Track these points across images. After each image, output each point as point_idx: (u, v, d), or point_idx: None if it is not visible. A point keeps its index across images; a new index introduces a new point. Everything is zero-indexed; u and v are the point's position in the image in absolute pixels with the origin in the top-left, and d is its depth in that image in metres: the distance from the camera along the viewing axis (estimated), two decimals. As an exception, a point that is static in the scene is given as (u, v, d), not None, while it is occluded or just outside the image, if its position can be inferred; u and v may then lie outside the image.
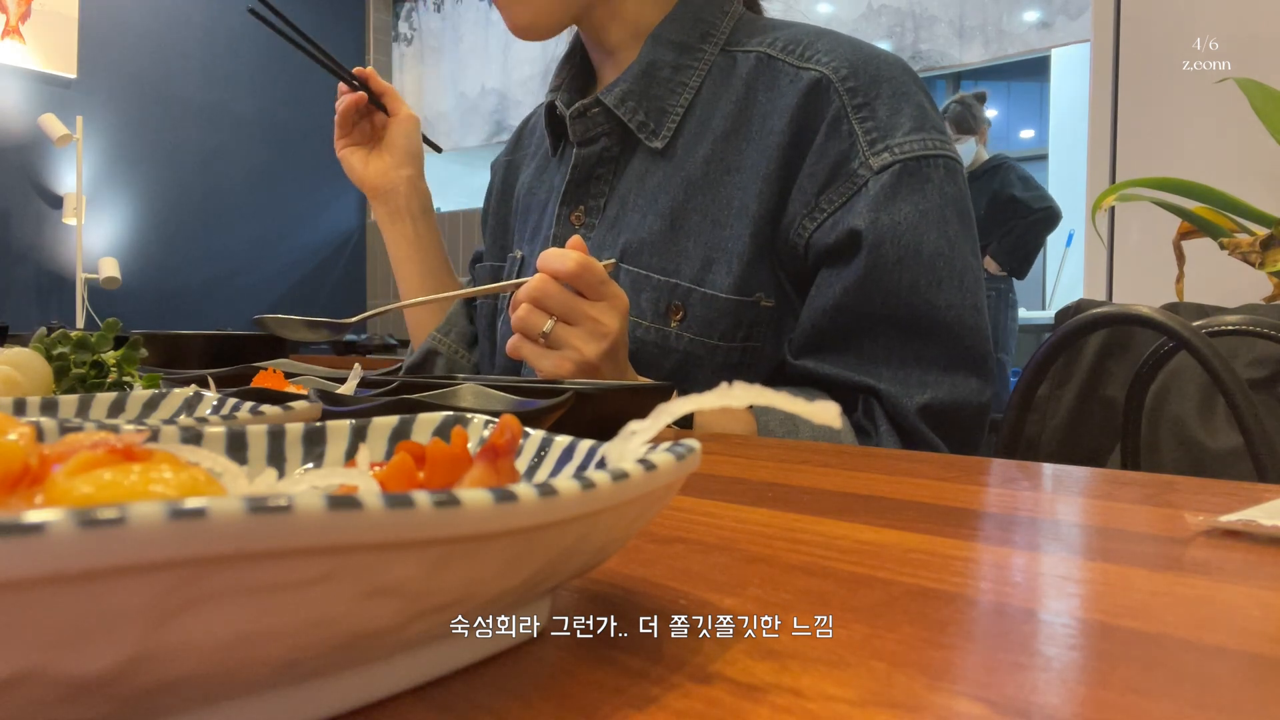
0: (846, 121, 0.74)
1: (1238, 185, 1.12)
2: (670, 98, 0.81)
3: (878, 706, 0.16)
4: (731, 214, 0.77)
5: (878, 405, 0.72)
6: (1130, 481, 0.41)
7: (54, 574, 0.11)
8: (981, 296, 0.74)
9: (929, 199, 0.72)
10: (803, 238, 0.75)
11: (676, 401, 0.19)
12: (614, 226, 0.82)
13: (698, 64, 0.81)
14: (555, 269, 0.65)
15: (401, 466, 0.19)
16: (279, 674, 0.14)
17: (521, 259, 0.93)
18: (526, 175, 0.99)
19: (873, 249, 0.71)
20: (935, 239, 0.71)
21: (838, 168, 0.73)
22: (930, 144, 0.73)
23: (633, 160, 0.83)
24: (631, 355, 0.77)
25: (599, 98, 0.82)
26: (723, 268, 0.76)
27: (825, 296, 0.73)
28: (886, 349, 0.72)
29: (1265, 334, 0.63)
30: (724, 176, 0.78)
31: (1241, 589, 0.24)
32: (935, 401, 0.71)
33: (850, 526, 0.31)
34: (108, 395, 0.39)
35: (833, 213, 0.73)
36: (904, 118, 0.74)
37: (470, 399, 0.47)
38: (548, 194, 0.92)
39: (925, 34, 2.91)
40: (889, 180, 0.72)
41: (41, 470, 0.15)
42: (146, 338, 0.72)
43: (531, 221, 0.94)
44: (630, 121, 0.81)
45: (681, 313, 0.77)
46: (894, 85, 0.75)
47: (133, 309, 3.33)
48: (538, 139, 0.99)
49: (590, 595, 0.23)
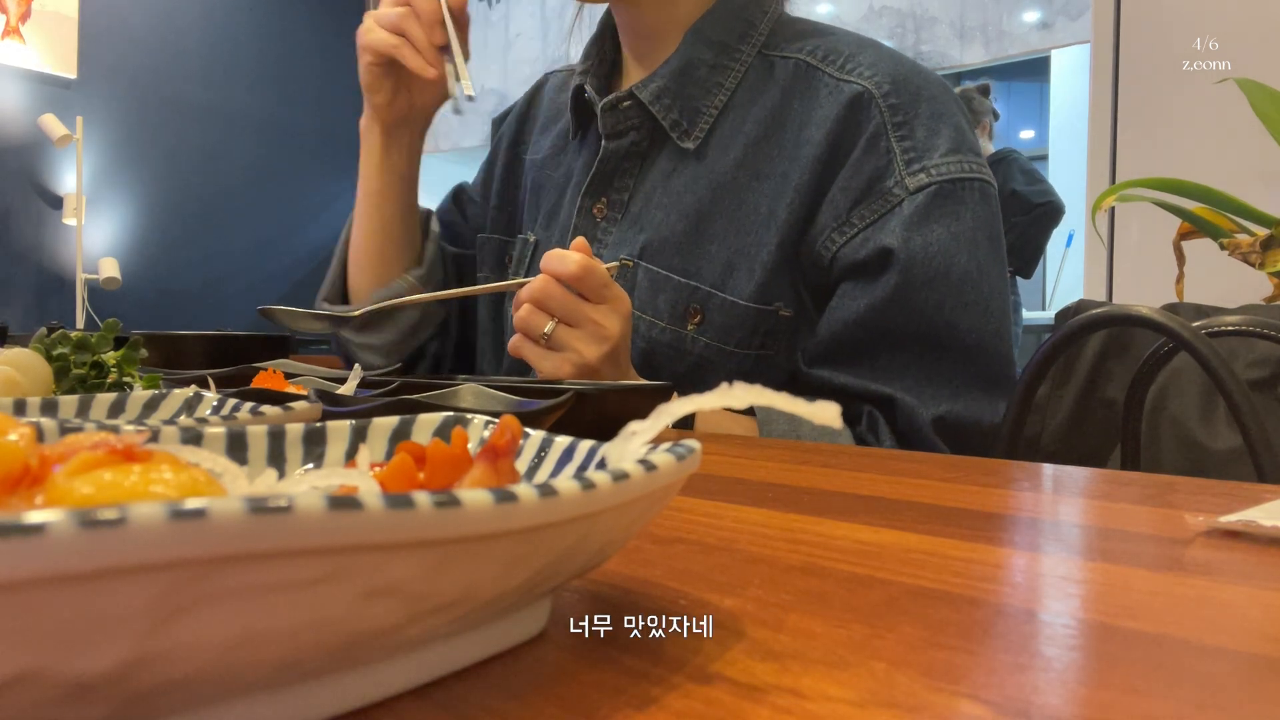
0: (885, 138, 0.74)
1: (1238, 185, 1.12)
2: (705, 98, 0.80)
3: (878, 707, 0.16)
4: (758, 220, 0.76)
5: (882, 419, 0.73)
6: (1130, 482, 0.41)
7: (54, 575, 0.11)
8: (1007, 323, 0.75)
9: (962, 222, 0.72)
10: (830, 250, 0.74)
11: (677, 402, 0.19)
12: (636, 223, 0.81)
13: (735, 65, 0.80)
14: (557, 271, 0.65)
15: (402, 467, 0.19)
16: (279, 674, 0.14)
17: (536, 244, 0.91)
18: (540, 149, 0.95)
19: (904, 269, 0.71)
20: (965, 262, 0.72)
21: (872, 184, 0.73)
22: (966, 166, 0.74)
23: (660, 157, 0.82)
24: (645, 355, 0.77)
25: (633, 91, 0.80)
26: (744, 274, 0.75)
27: (848, 310, 0.73)
28: (904, 363, 0.72)
29: (1265, 334, 0.63)
30: (752, 182, 0.77)
31: (1241, 589, 0.24)
32: (950, 415, 0.71)
33: (850, 527, 0.31)
34: (108, 396, 0.39)
35: (863, 229, 0.73)
36: (942, 138, 0.74)
37: (470, 399, 0.47)
38: (565, 178, 0.90)
39: (926, 35, 2.91)
40: (924, 201, 0.72)
41: (42, 471, 0.15)
42: (146, 338, 0.72)
43: (546, 203, 0.91)
44: (664, 119, 0.80)
45: (699, 316, 0.76)
46: (933, 104, 0.75)
47: (133, 309, 3.33)
48: (550, 110, 0.96)
49: (590, 596, 0.23)
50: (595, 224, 0.83)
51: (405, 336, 0.93)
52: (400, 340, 0.93)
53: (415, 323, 0.93)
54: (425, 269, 0.93)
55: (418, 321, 0.93)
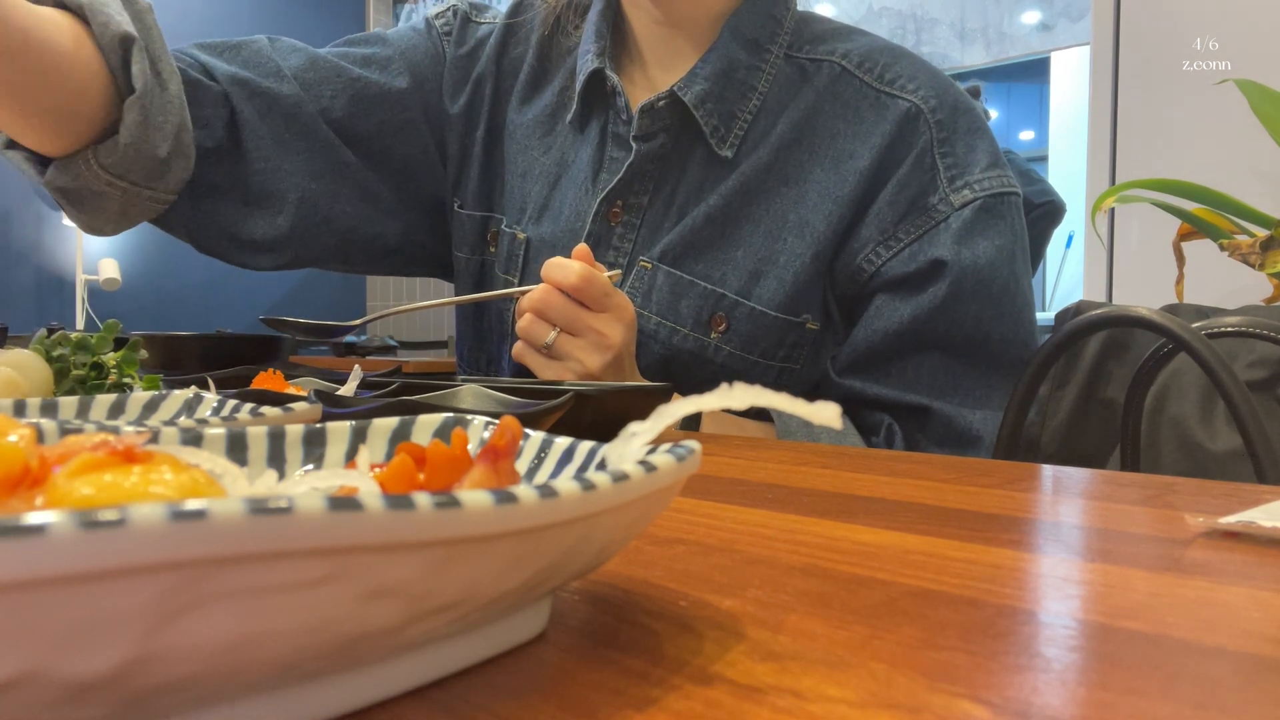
0: (930, 155, 0.74)
1: (1237, 186, 1.12)
2: (740, 101, 0.77)
3: (878, 708, 0.16)
4: (787, 228, 0.75)
5: (900, 432, 0.73)
6: (1130, 483, 0.41)
7: (55, 575, 0.11)
8: (1035, 333, 0.76)
9: (1003, 236, 0.74)
10: (874, 265, 0.74)
11: (677, 403, 0.19)
12: (656, 226, 0.78)
13: (765, 66, 0.78)
14: (558, 281, 0.65)
15: (402, 468, 0.19)
16: (279, 675, 0.14)
17: (527, 241, 0.83)
18: (522, 113, 0.86)
19: (955, 280, 0.72)
20: (1005, 275, 0.73)
21: (917, 200, 0.74)
22: (1004, 181, 0.75)
23: (689, 160, 0.78)
24: (665, 362, 0.76)
25: (675, 92, 0.76)
26: (772, 282, 0.74)
27: (889, 320, 0.73)
28: (935, 373, 0.73)
29: (1265, 335, 0.63)
30: (780, 188, 0.76)
31: (1241, 590, 0.24)
32: (980, 421, 0.73)
33: (850, 528, 0.31)
34: (108, 397, 0.39)
35: (909, 243, 0.73)
36: (980, 154, 0.75)
37: (470, 400, 0.47)
38: (558, 167, 0.83)
39: (926, 36, 2.91)
40: (969, 216, 0.73)
41: (42, 472, 0.15)
42: (146, 339, 0.72)
43: (536, 195, 0.84)
44: (705, 124, 0.76)
45: (725, 324, 0.75)
46: (969, 119, 0.76)
47: (133, 310, 3.33)
48: (536, 63, 0.87)
49: (590, 596, 0.23)
50: (611, 229, 0.79)
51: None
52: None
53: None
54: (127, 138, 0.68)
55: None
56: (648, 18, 0.81)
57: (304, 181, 0.82)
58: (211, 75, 0.79)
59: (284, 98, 0.81)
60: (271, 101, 0.80)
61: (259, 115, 0.80)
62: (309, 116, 0.82)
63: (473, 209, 0.88)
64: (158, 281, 3.49)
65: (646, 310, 0.76)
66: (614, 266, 0.78)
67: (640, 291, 0.77)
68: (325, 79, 0.83)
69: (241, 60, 0.81)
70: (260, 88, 0.80)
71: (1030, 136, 5.40)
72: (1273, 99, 1.11)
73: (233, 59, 0.81)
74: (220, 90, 0.79)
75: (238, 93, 0.79)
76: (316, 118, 0.82)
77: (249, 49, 0.82)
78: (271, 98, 0.80)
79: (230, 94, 0.79)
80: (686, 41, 0.80)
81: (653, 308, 0.76)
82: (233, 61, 0.81)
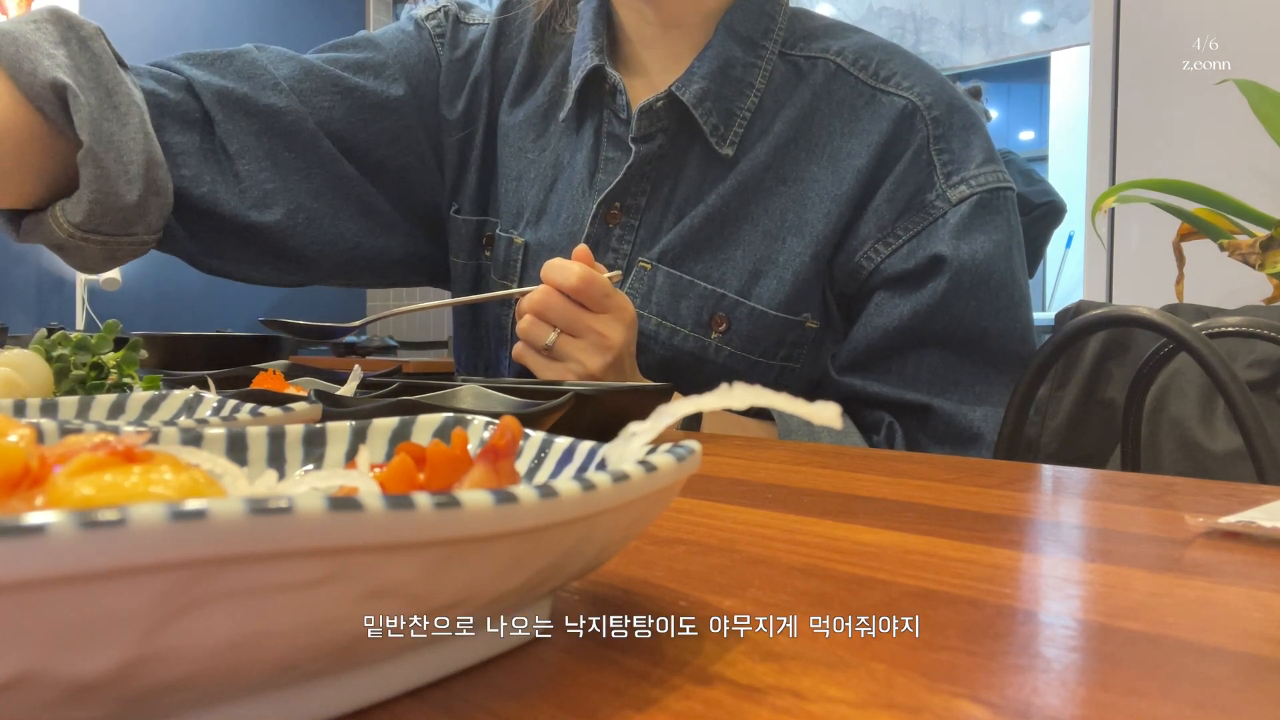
0: (927, 151, 0.75)
1: (1237, 186, 1.12)
2: (738, 100, 0.77)
3: (878, 708, 0.16)
4: (785, 227, 0.75)
5: (900, 431, 0.73)
6: (1130, 483, 0.41)
7: (55, 575, 0.11)
8: (1032, 327, 0.76)
9: (1000, 231, 0.74)
10: (873, 262, 0.74)
11: (676, 403, 0.19)
12: (655, 227, 0.78)
13: (761, 64, 0.78)
14: (558, 282, 0.65)
15: (402, 468, 0.19)
16: (279, 675, 0.14)
17: (525, 246, 0.82)
18: (514, 113, 0.85)
19: (954, 276, 0.72)
20: (1002, 270, 0.73)
21: (914, 197, 0.74)
22: (999, 177, 0.75)
23: (687, 160, 0.77)
24: (665, 363, 0.76)
25: (673, 92, 0.75)
26: (772, 281, 0.74)
27: (888, 316, 0.74)
28: (935, 369, 0.74)
29: (1265, 335, 0.63)
30: (778, 186, 0.76)
31: (1241, 590, 0.24)
32: (980, 417, 0.73)
33: (850, 528, 0.31)
34: (108, 397, 0.39)
35: (908, 240, 0.74)
36: (975, 150, 0.75)
37: (470, 400, 0.47)
38: (553, 169, 0.82)
39: (926, 36, 2.91)
40: (967, 211, 0.73)
41: (42, 472, 0.15)
42: (146, 339, 0.72)
43: (532, 199, 0.83)
44: (705, 124, 0.75)
45: (725, 325, 0.75)
46: (964, 115, 0.76)
47: (133, 310, 3.33)
48: (529, 61, 0.86)
49: (590, 596, 0.23)
50: (609, 231, 0.79)
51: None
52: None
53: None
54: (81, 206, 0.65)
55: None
56: (639, 18, 0.80)
57: (306, 201, 0.79)
58: (195, 93, 0.76)
59: (283, 112, 0.78)
60: (270, 119, 0.78)
61: (255, 135, 0.77)
62: (309, 132, 0.79)
63: (469, 214, 0.87)
64: (158, 282, 3.49)
65: (646, 311, 0.76)
66: (613, 268, 0.78)
67: (640, 292, 0.77)
68: (320, 88, 0.80)
69: (234, 72, 0.78)
70: (257, 105, 0.77)
71: (1030, 136, 5.40)
72: (1273, 99, 1.11)
73: (224, 71, 0.78)
74: (201, 110, 0.76)
75: (229, 109, 0.76)
76: (317, 131, 0.79)
77: (241, 59, 0.79)
78: (271, 114, 0.78)
79: (218, 111, 0.76)
80: (680, 40, 0.79)
81: (652, 309, 0.76)
82: (225, 74, 0.77)
